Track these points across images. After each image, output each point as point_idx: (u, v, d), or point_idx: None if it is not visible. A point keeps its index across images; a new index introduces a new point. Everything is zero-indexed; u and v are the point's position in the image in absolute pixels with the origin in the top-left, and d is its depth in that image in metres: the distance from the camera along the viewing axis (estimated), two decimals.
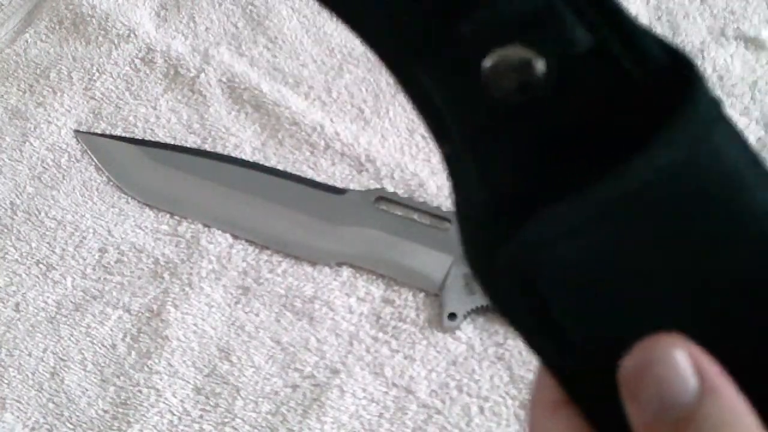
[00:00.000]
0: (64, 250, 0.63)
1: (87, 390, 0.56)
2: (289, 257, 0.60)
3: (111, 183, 0.66)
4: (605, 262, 0.18)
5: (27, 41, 0.75)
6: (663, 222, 0.17)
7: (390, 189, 0.62)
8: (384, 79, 0.69)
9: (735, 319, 0.18)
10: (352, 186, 0.63)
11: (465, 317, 0.56)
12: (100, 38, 0.73)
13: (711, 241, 0.17)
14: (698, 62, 0.68)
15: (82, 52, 0.73)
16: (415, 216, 0.61)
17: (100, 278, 0.61)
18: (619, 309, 0.18)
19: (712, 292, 0.18)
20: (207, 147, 0.67)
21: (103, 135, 0.68)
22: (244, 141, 0.66)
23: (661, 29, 0.70)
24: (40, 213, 0.65)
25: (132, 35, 0.73)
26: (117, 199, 0.65)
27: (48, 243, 0.63)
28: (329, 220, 0.61)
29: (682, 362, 0.18)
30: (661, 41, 0.18)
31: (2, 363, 0.58)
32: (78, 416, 0.55)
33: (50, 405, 0.56)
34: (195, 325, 0.58)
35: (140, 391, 0.55)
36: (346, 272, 0.59)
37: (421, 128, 0.66)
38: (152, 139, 0.68)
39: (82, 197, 0.65)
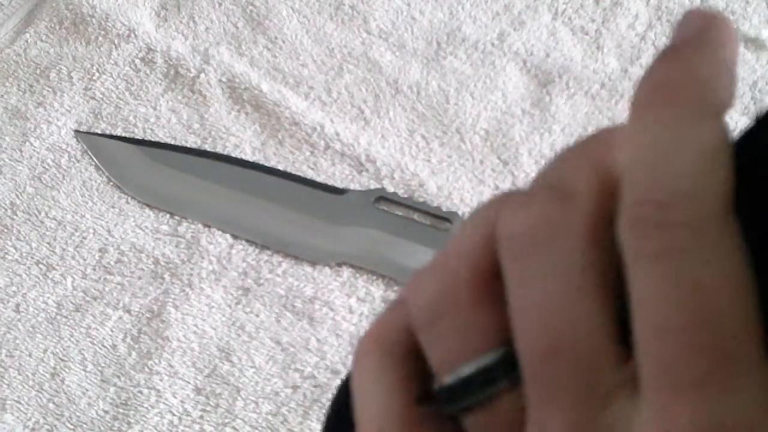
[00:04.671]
0: (64, 250, 0.63)
1: (87, 390, 0.56)
2: (289, 257, 0.60)
3: (111, 183, 0.66)
4: None
5: (27, 41, 0.75)
6: None
7: (390, 189, 0.62)
8: (384, 79, 0.69)
9: None
10: (352, 186, 0.63)
11: None
12: (100, 38, 0.73)
13: None
14: None
15: (82, 52, 0.73)
16: (415, 216, 0.61)
17: (100, 279, 0.61)
18: None
19: None
20: (207, 147, 0.67)
21: (103, 135, 0.68)
22: (244, 141, 0.66)
23: (661, 29, 0.70)
24: (40, 213, 0.65)
25: (132, 35, 0.73)
26: (117, 199, 0.65)
27: (48, 243, 0.63)
28: (329, 220, 0.61)
29: None
30: None
31: (2, 364, 0.58)
32: (78, 417, 0.55)
33: (50, 405, 0.56)
34: (195, 325, 0.58)
35: (141, 392, 0.55)
36: (346, 272, 0.59)
37: (421, 128, 0.66)
38: (152, 139, 0.68)
39: (82, 197, 0.65)
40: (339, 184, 0.63)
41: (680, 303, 0.14)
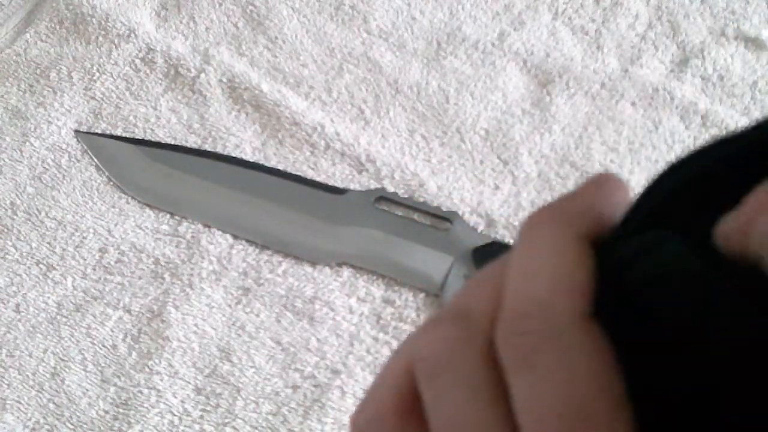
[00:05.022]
0: (64, 250, 0.63)
1: (87, 390, 0.56)
2: (289, 257, 0.60)
3: (111, 183, 0.66)
4: None
5: (27, 41, 0.75)
6: None
7: (390, 189, 0.62)
8: (384, 79, 0.69)
9: None
10: (352, 186, 0.63)
11: None
12: (101, 38, 0.73)
13: None
14: (698, 62, 0.68)
15: (82, 52, 0.73)
16: (416, 216, 0.61)
17: (100, 279, 0.61)
18: None
19: None
20: (207, 147, 0.67)
21: (103, 135, 0.68)
22: (244, 141, 0.66)
23: (661, 29, 0.70)
24: (40, 213, 0.65)
25: (132, 35, 0.73)
26: (117, 199, 0.65)
27: (48, 243, 0.63)
28: (329, 220, 0.61)
29: None
30: None
31: (3, 364, 0.58)
32: (78, 417, 0.55)
33: (51, 405, 0.56)
34: (195, 325, 0.58)
35: (141, 392, 0.55)
36: (346, 272, 0.59)
37: (421, 128, 0.66)
38: (152, 139, 0.68)
39: (82, 197, 0.65)
40: (339, 184, 0.63)
41: (545, 404, 0.16)
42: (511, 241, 0.60)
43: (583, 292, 0.17)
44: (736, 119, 0.64)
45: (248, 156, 0.66)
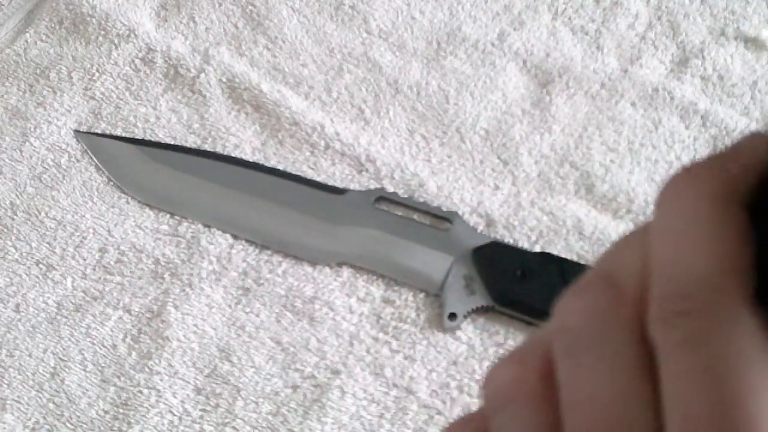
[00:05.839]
0: (64, 250, 0.63)
1: (87, 390, 0.56)
2: (289, 257, 0.60)
3: (111, 183, 0.66)
4: None
5: (27, 41, 0.75)
6: None
7: (390, 189, 0.62)
8: (384, 79, 0.69)
9: None
10: (352, 186, 0.63)
11: (465, 317, 0.56)
12: (100, 38, 0.73)
13: None
14: (698, 62, 0.68)
15: (82, 52, 0.73)
16: (415, 216, 0.61)
17: (100, 279, 0.61)
18: None
19: None
20: (207, 147, 0.67)
21: (103, 135, 0.68)
22: (244, 141, 0.66)
23: (661, 29, 0.70)
24: (40, 213, 0.65)
25: (132, 35, 0.73)
26: (117, 199, 0.65)
27: (48, 243, 0.63)
28: (329, 220, 0.61)
29: None
30: None
31: (2, 364, 0.58)
32: (78, 417, 0.55)
33: (50, 405, 0.56)
34: (195, 325, 0.58)
35: (141, 392, 0.55)
36: (346, 272, 0.59)
37: (421, 128, 0.66)
38: (152, 139, 0.68)
39: (82, 197, 0.65)
40: (339, 184, 0.63)
41: (704, 397, 0.14)
42: (511, 242, 0.60)
43: (746, 272, 0.15)
44: (735, 119, 0.64)
45: (248, 156, 0.66)
